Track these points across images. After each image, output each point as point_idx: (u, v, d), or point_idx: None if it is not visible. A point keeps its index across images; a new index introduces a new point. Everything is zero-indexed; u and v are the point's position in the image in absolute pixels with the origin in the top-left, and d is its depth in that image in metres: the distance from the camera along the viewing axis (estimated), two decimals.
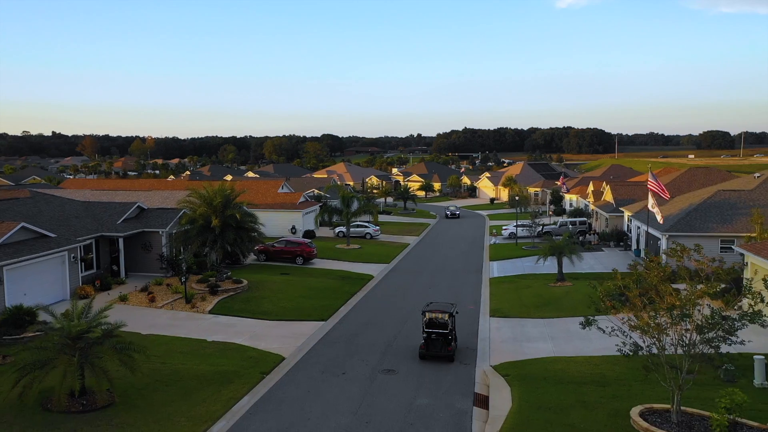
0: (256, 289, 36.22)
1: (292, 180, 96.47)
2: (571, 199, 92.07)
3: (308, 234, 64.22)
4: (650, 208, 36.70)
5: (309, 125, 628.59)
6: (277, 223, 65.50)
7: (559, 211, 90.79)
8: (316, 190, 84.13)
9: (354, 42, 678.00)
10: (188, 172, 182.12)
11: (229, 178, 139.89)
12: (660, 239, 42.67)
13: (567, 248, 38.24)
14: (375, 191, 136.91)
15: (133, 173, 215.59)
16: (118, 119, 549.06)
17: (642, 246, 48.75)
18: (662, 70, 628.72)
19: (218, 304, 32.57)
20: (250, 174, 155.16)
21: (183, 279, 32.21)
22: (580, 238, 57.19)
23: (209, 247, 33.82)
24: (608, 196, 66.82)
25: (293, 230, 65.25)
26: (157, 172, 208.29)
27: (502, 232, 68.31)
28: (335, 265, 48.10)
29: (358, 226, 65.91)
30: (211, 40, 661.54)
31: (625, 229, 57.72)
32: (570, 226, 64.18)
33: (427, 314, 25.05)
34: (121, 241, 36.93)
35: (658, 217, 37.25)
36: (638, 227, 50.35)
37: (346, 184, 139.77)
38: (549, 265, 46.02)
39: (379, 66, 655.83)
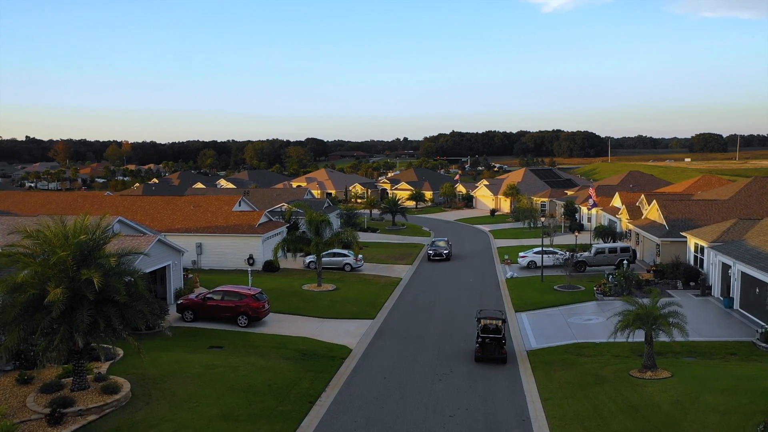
0: (145, 401, 21.03)
1: (258, 192, 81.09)
2: (589, 213, 77.52)
3: (268, 266, 49.11)
4: None
5: (293, 129, 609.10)
6: (229, 252, 50.39)
7: (575, 227, 76.12)
8: (286, 205, 68.90)
9: (340, 45, 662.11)
10: (155, 180, 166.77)
11: (199, 186, 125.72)
12: None
13: (663, 319, 23.48)
14: (359, 201, 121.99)
15: (102, 180, 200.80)
16: (96, 123, 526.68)
17: (736, 293, 34.23)
18: (647, 73, 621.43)
19: None
20: (223, 182, 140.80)
21: None
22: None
23: (44, 338, 18.64)
24: (653, 214, 52.38)
25: (250, 261, 50.00)
26: (126, 178, 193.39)
27: (519, 260, 53.53)
28: (296, 326, 33.06)
29: (334, 254, 50.93)
30: (195, 43, 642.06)
31: (691, 261, 43.17)
32: (609, 254, 49.56)
33: (482, 321, 28.17)
34: None
35: None
36: (727, 264, 35.76)
37: (327, 193, 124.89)
38: (604, 325, 31.49)
39: (365, 69, 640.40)
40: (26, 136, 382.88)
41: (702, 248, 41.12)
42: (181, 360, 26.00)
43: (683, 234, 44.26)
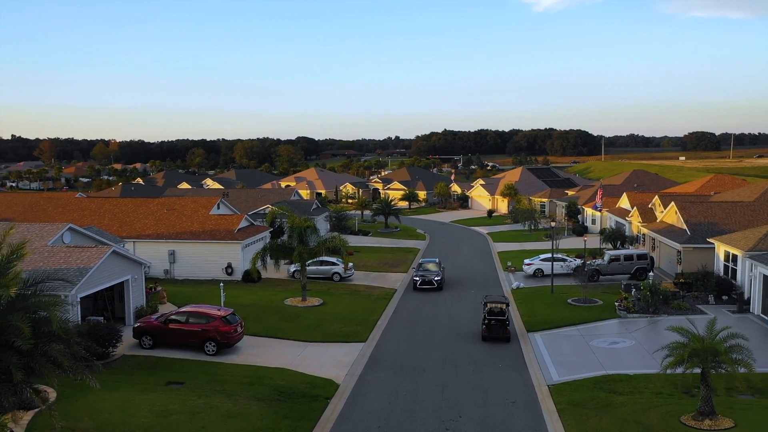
0: None
1: (242, 192, 76.09)
2: (594, 214, 73.02)
3: (248, 276, 44.16)
4: None
5: (284, 128, 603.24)
6: (205, 261, 45.54)
7: (579, 230, 71.74)
8: (271, 207, 63.82)
9: (331, 43, 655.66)
10: (139, 180, 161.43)
11: (184, 186, 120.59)
12: None
13: (725, 355, 18.89)
14: (350, 201, 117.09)
15: (86, 179, 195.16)
16: (84, 122, 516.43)
17: None
18: (638, 72, 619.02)
19: None
20: (209, 182, 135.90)
21: None
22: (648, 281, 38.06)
23: None
24: (671, 216, 47.91)
25: (229, 270, 45.27)
26: (112, 178, 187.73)
27: (524, 267, 48.87)
28: (274, 353, 28.17)
29: (322, 262, 46.10)
30: (186, 41, 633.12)
31: (721, 271, 38.64)
32: (624, 261, 44.95)
33: (487, 304, 30.89)
34: None
35: None
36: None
37: (317, 194, 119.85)
38: (635, 350, 27.02)
39: (357, 67, 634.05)
40: (12, 135, 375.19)
41: (734, 257, 36.63)
42: (129, 404, 21.12)
43: (710, 240, 39.76)
